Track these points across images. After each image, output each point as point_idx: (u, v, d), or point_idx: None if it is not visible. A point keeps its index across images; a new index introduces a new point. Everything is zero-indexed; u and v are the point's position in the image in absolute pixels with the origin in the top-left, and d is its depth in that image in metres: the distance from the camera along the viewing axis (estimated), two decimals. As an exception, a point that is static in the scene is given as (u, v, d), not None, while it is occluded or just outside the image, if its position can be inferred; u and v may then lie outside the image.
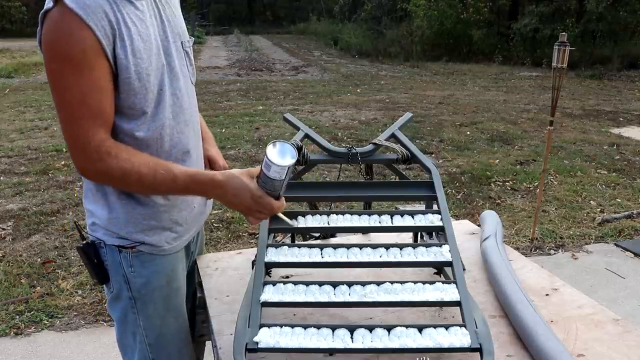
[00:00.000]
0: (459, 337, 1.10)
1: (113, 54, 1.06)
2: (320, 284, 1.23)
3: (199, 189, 1.15)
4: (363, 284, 1.23)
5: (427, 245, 1.35)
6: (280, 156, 1.08)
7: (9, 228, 3.81)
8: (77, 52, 1.01)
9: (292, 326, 1.14)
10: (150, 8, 1.15)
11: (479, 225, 1.95)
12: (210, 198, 1.31)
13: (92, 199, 1.22)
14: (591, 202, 4.42)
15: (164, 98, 1.18)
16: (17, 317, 2.77)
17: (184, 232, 1.32)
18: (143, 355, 1.29)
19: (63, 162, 5.31)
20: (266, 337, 1.10)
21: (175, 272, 1.33)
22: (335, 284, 1.23)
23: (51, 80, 1.05)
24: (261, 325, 1.14)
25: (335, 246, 1.35)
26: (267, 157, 1.07)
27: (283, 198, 1.16)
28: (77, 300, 2.92)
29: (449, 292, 1.21)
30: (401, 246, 1.34)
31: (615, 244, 3.70)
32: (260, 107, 8.34)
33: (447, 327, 1.13)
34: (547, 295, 1.45)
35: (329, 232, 1.80)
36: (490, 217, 1.81)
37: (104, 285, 1.28)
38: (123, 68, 1.08)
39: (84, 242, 1.23)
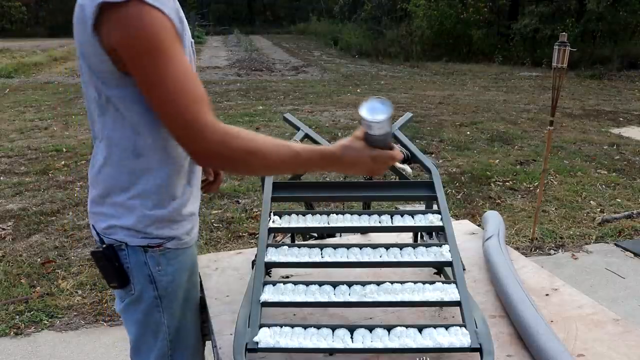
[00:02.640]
0: (459, 337, 1.10)
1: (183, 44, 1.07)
2: (320, 284, 1.23)
3: (320, 162, 1.17)
4: (363, 284, 1.23)
5: (427, 245, 1.35)
6: (376, 112, 1.11)
7: (9, 228, 3.81)
8: (167, 41, 1.01)
9: (292, 326, 1.14)
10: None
11: (479, 225, 1.95)
12: (329, 170, 1.30)
13: (108, 201, 1.18)
14: (591, 202, 4.42)
15: None
16: (17, 317, 2.77)
17: (196, 222, 1.31)
18: (162, 353, 1.27)
19: (63, 162, 5.31)
20: (266, 337, 1.10)
21: (194, 266, 1.33)
22: (335, 284, 1.23)
23: (145, 74, 1.02)
24: (261, 325, 1.13)
25: (335, 246, 1.35)
26: (364, 120, 1.11)
27: (395, 146, 1.21)
28: (77, 300, 2.92)
29: (449, 292, 1.21)
30: (401, 246, 1.34)
31: (615, 244, 3.70)
32: (260, 107, 8.34)
33: (447, 327, 1.13)
34: (547, 295, 1.45)
35: (328, 232, 1.79)
36: (493, 217, 1.81)
37: (119, 290, 1.23)
38: None
39: (104, 245, 1.18)
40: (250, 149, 1.07)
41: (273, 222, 1.42)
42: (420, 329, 1.13)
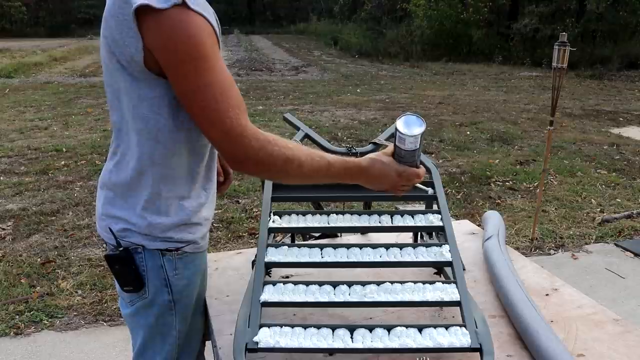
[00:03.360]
0: (459, 337, 1.10)
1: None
2: (320, 284, 1.23)
3: (347, 175, 1.19)
4: (363, 284, 1.23)
5: (427, 245, 1.35)
6: (410, 127, 1.16)
7: (9, 228, 3.81)
8: (208, 47, 1.02)
9: (292, 326, 1.14)
10: None
11: (479, 225, 1.95)
12: (353, 182, 1.30)
13: (123, 205, 1.17)
14: (591, 202, 4.42)
15: None
16: (17, 317, 2.77)
17: (208, 226, 1.31)
18: (170, 356, 1.27)
19: (63, 162, 5.31)
20: (266, 337, 1.10)
21: (206, 270, 1.34)
22: (335, 284, 1.23)
23: (186, 81, 1.02)
24: (261, 325, 1.14)
25: (335, 246, 1.35)
26: (399, 132, 1.16)
27: (422, 166, 1.24)
28: (77, 300, 2.92)
29: (449, 292, 1.21)
30: (401, 246, 1.35)
31: (615, 244, 3.70)
32: (260, 107, 8.34)
33: (447, 327, 1.13)
34: (547, 295, 1.45)
35: (328, 232, 1.79)
36: (493, 217, 1.81)
37: (131, 294, 1.21)
38: None
39: (120, 249, 1.17)
40: (288, 156, 1.09)
41: (273, 222, 1.42)
42: (420, 329, 1.13)
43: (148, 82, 1.06)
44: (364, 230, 1.62)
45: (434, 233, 1.63)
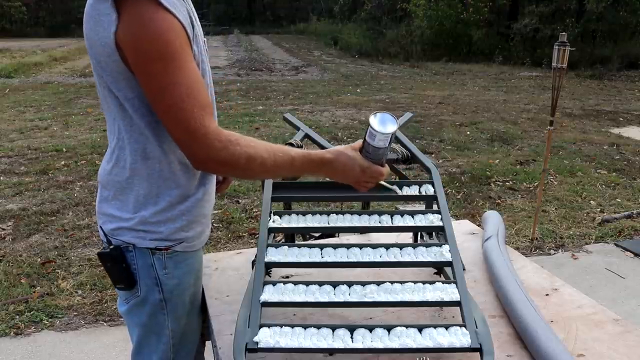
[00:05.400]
0: (459, 337, 1.10)
1: (192, 49, 1.07)
2: (320, 284, 1.23)
3: (311, 168, 1.21)
4: (363, 284, 1.23)
5: (427, 245, 1.35)
6: (383, 125, 1.17)
7: (9, 228, 3.81)
8: (177, 46, 1.02)
9: (292, 326, 1.14)
10: (191, 7, 1.16)
11: (479, 225, 1.95)
12: (319, 175, 1.34)
13: (117, 203, 1.18)
14: (591, 202, 4.42)
15: (213, 97, 1.19)
16: (17, 317, 2.77)
17: (208, 225, 1.31)
18: (165, 356, 1.27)
19: (63, 162, 5.31)
20: (266, 337, 1.10)
21: (200, 270, 1.33)
22: (335, 284, 1.23)
23: (154, 80, 1.02)
24: (261, 325, 1.13)
25: (335, 246, 1.35)
26: (371, 127, 1.17)
27: (387, 165, 1.25)
28: (77, 300, 2.92)
29: (449, 292, 1.21)
30: (401, 246, 1.34)
31: (615, 244, 3.70)
32: (260, 107, 8.34)
33: (447, 327, 1.13)
34: (547, 295, 1.45)
35: (328, 232, 1.79)
36: (493, 218, 1.81)
37: (124, 291, 1.23)
38: (196, 64, 1.09)
39: (111, 247, 1.18)
40: (250, 155, 1.10)
41: (273, 222, 1.42)
42: (420, 329, 1.13)
43: (129, 82, 1.07)
44: (364, 230, 1.62)
45: (434, 233, 1.63)
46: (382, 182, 1.32)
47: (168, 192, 1.16)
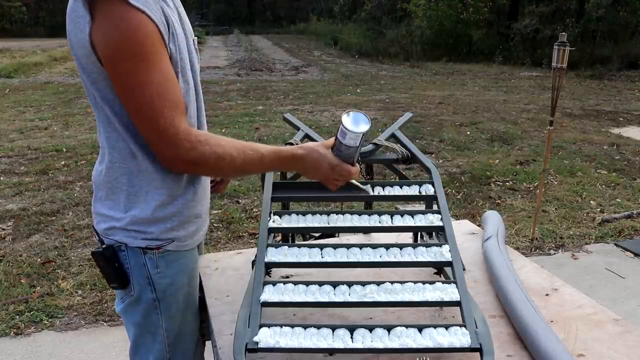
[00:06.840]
0: (459, 337, 1.10)
1: (168, 48, 1.07)
2: (320, 284, 1.23)
3: (282, 164, 1.22)
4: (363, 284, 1.23)
5: (427, 245, 1.35)
6: (355, 124, 1.17)
7: (9, 228, 3.81)
8: (149, 45, 1.02)
9: (292, 326, 1.14)
10: (172, 6, 1.16)
11: (479, 225, 1.95)
12: (291, 171, 1.34)
13: (109, 203, 1.19)
14: (591, 202, 4.42)
15: (193, 96, 1.19)
16: (17, 317, 2.77)
17: (202, 225, 1.31)
18: (161, 355, 1.28)
19: (63, 162, 5.31)
20: (266, 337, 1.10)
21: (195, 269, 1.33)
22: (335, 284, 1.23)
23: (125, 79, 1.03)
24: (261, 325, 1.13)
25: (335, 246, 1.35)
26: (342, 126, 1.16)
27: (357, 165, 1.25)
28: (77, 300, 2.92)
29: (449, 292, 1.21)
30: (401, 246, 1.34)
31: (615, 244, 3.70)
32: (260, 107, 8.34)
33: (447, 327, 1.13)
34: (547, 295, 1.45)
35: (328, 232, 1.79)
36: (493, 218, 1.81)
37: (119, 290, 1.24)
38: (174, 62, 1.09)
39: (103, 246, 1.19)
40: (219, 154, 1.11)
41: (273, 222, 1.42)
42: (420, 329, 1.13)
43: (107, 82, 1.07)
44: (363, 230, 1.61)
45: (434, 233, 1.63)
46: (354, 182, 1.32)
47: (156, 191, 1.17)
